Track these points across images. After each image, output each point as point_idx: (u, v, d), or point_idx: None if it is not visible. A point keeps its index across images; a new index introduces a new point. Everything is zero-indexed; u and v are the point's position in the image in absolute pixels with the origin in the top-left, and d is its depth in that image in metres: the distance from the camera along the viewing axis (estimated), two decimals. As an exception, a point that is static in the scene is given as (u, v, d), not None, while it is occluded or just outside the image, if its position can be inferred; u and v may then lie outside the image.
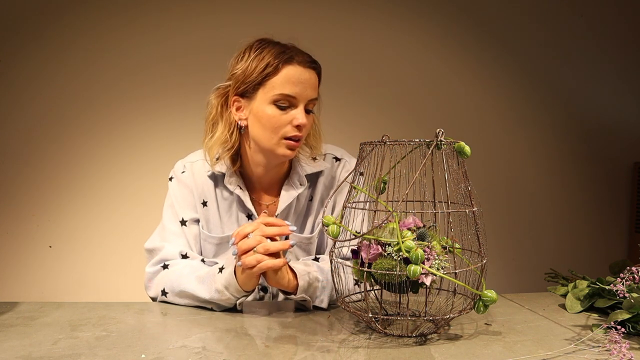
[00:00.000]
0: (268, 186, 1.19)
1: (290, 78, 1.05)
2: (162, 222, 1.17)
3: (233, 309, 1.02)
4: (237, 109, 1.11)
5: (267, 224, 0.96)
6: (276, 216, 1.15)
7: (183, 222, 1.15)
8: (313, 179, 1.19)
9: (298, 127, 1.06)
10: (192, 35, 2.35)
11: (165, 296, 1.08)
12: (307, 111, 1.09)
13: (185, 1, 2.36)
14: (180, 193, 1.17)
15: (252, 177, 1.17)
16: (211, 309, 1.03)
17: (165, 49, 2.35)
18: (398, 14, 2.53)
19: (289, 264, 1.01)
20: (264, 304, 1.12)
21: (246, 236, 0.95)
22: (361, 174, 0.96)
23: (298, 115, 1.06)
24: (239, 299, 1.00)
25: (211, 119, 1.13)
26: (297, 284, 0.99)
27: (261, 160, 1.13)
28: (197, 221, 1.17)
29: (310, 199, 1.19)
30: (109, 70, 2.33)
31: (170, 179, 1.19)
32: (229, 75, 1.11)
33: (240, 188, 1.15)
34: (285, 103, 1.06)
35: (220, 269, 1.01)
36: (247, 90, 1.08)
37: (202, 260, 1.14)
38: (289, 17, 2.42)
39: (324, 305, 1.03)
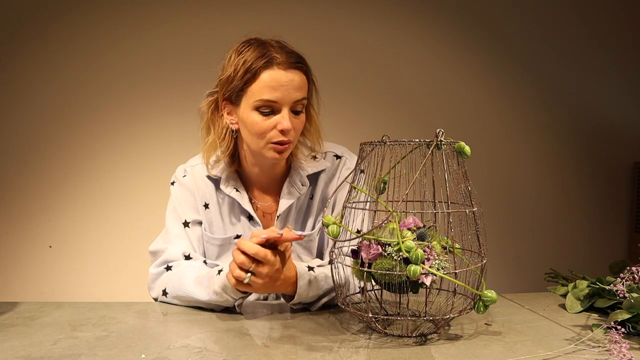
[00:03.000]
0: (268, 186, 1.19)
1: (269, 83, 1.02)
2: (166, 226, 1.18)
3: (233, 309, 1.02)
4: (228, 113, 1.12)
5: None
6: (277, 216, 1.15)
7: (186, 224, 1.16)
8: (314, 177, 1.19)
9: (283, 132, 1.05)
10: (193, 35, 2.35)
11: (166, 296, 1.08)
12: (296, 112, 1.07)
13: (187, 1, 2.36)
14: (182, 196, 1.18)
15: (251, 177, 1.18)
16: (211, 310, 1.03)
17: (166, 49, 2.35)
18: (398, 14, 2.53)
19: (298, 271, 1.00)
20: (263, 304, 1.12)
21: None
22: (362, 171, 0.96)
23: (281, 120, 1.04)
24: (236, 300, 1.00)
25: (204, 124, 1.15)
26: (295, 290, 0.99)
27: (256, 161, 1.14)
28: (200, 223, 1.18)
29: (311, 198, 1.19)
30: (109, 70, 2.33)
31: (172, 183, 1.21)
32: (217, 81, 1.11)
33: (237, 190, 1.15)
34: (267, 109, 1.04)
35: (220, 271, 1.01)
36: (232, 96, 1.08)
37: (205, 262, 1.14)
38: (290, 16, 2.42)
39: (313, 309, 1.03)
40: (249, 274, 0.92)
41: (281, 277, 0.96)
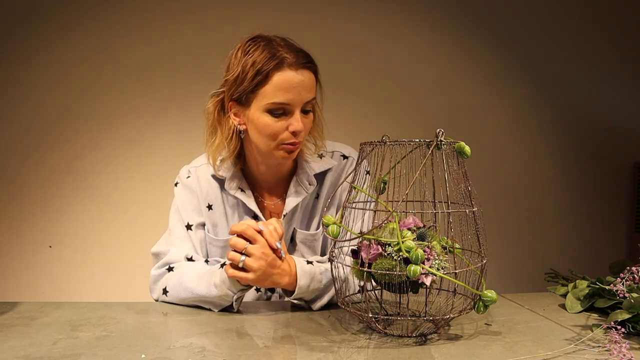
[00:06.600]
0: (274, 185, 1.19)
1: (281, 85, 1.01)
2: (169, 227, 1.17)
3: (233, 309, 1.02)
4: (235, 114, 1.10)
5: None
6: (284, 216, 1.15)
7: (189, 227, 1.15)
8: (320, 176, 1.18)
9: (294, 133, 1.05)
10: (195, 35, 2.36)
11: (166, 295, 1.08)
12: (306, 112, 1.07)
13: (188, 1, 2.36)
14: (185, 198, 1.17)
15: (258, 176, 1.17)
16: (211, 310, 1.03)
17: (167, 49, 2.35)
18: (398, 13, 2.53)
19: (297, 263, 1.01)
20: (263, 303, 1.12)
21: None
22: (368, 172, 0.96)
23: (293, 122, 1.04)
24: (235, 294, 0.99)
25: (210, 125, 1.13)
26: (296, 286, 1.00)
27: (263, 161, 1.14)
28: (203, 225, 1.17)
29: (317, 197, 1.19)
30: (109, 69, 2.33)
31: (176, 184, 1.20)
32: (222, 81, 1.10)
33: (242, 190, 1.15)
34: (279, 110, 1.03)
35: (223, 265, 1.01)
36: (241, 97, 1.06)
37: (206, 261, 1.14)
38: (289, 15, 2.42)
39: (315, 308, 1.03)
40: (243, 257, 0.94)
41: (277, 264, 0.97)
